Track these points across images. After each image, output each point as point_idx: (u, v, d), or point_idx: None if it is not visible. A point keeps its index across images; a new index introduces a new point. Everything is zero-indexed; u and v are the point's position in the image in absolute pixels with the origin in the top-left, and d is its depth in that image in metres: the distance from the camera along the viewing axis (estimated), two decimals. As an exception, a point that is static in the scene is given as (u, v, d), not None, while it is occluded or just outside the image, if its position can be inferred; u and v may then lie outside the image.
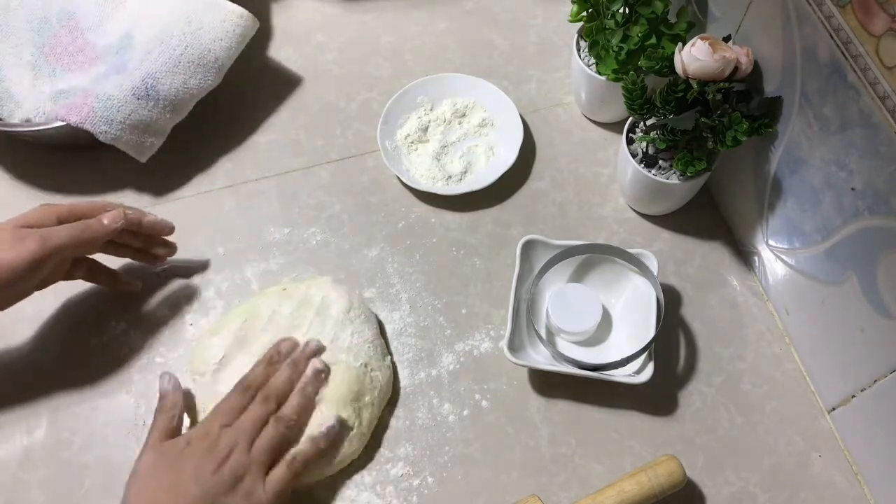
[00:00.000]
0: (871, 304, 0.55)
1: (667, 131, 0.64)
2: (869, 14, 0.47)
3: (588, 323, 0.66)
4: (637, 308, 0.67)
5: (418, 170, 0.77)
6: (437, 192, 0.75)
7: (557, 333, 0.68)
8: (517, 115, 0.78)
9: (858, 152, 0.52)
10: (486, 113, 0.80)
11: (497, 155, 0.78)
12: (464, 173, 0.77)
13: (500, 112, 0.80)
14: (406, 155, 0.78)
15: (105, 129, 0.71)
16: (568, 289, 0.67)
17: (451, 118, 0.80)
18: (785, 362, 0.68)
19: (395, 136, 0.78)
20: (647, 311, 0.65)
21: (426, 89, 0.80)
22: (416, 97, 0.80)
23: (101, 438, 0.64)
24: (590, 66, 0.74)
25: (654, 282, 0.65)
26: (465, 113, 0.80)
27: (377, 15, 0.89)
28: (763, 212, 0.67)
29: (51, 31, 0.78)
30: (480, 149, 0.78)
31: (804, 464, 0.63)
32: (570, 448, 0.64)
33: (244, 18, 0.77)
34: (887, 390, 0.56)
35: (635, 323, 0.66)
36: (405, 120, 0.79)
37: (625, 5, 0.68)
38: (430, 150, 0.78)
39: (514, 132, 0.78)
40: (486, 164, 0.77)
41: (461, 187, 0.75)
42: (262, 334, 0.65)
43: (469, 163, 0.77)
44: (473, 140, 0.79)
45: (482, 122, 0.80)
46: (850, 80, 0.51)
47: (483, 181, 0.75)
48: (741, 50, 0.60)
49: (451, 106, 0.80)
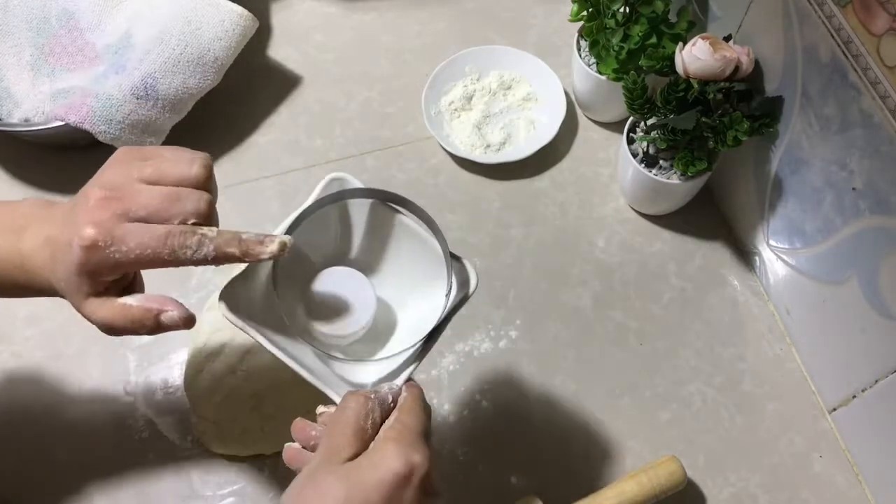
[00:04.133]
0: (872, 305, 0.55)
1: (667, 131, 0.64)
2: (870, 14, 0.47)
3: (358, 321, 0.49)
4: (417, 273, 0.51)
5: (458, 136, 0.79)
6: (475, 160, 0.76)
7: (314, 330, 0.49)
8: (562, 93, 0.79)
9: (859, 152, 0.52)
10: (531, 87, 0.82)
11: (537, 129, 0.79)
12: (503, 144, 0.78)
13: (546, 88, 0.81)
14: (448, 121, 0.80)
15: (104, 128, 0.71)
16: (324, 279, 0.50)
17: (496, 89, 0.81)
18: (786, 362, 0.68)
19: (440, 102, 0.80)
20: (430, 268, 0.50)
21: (475, 58, 0.82)
22: (465, 66, 0.82)
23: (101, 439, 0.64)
24: (590, 66, 0.74)
25: (441, 241, 0.48)
26: (511, 86, 0.82)
27: (377, 15, 0.89)
28: (764, 212, 0.67)
29: (50, 31, 0.78)
30: (521, 122, 0.80)
31: (805, 464, 0.63)
32: (569, 448, 0.64)
33: (244, 18, 0.77)
34: (888, 390, 0.56)
35: (422, 293, 0.51)
36: (451, 87, 0.81)
37: (625, 5, 0.68)
38: (473, 118, 0.79)
39: (557, 108, 0.79)
40: (526, 137, 0.79)
41: (499, 157, 0.77)
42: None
43: (509, 134, 0.79)
44: (516, 113, 0.81)
45: (527, 97, 0.81)
46: (850, 79, 0.51)
47: (520, 153, 0.76)
48: (742, 49, 0.60)
49: (498, 78, 0.82)
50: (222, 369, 0.63)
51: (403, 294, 0.53)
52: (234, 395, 0.63)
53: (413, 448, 0.40)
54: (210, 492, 0.63)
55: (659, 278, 0.72)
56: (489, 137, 0.78)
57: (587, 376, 0.67)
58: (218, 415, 0.63)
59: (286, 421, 0.61)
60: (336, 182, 0.49)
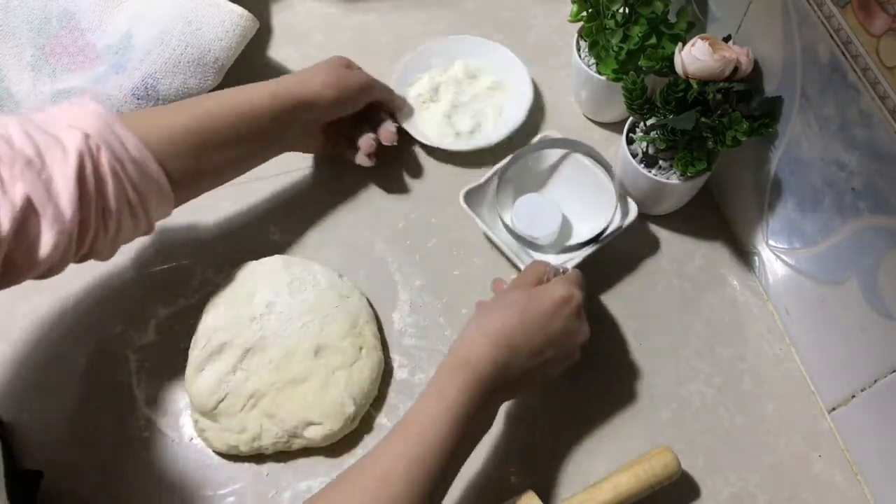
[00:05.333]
0: (872, 305, 0.55)
1: (667, 131, 0.64)
2: (869, 14, 0.47)
3: (549, 228, 0.69)
4: (595, 204, 0.70)
5: (428, 126, 0.79)
6: (445, 148, 0.77)
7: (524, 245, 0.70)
8: (528, 79, 0.80)
9: (858, 152, 0.52)
10: (496, 75, 0.82)
11: (505, 115, 0.80)
12: (472, 132, 0.79)
13: (511, 75, 0.82)
14: (418, 113, 0.80)
15: (105, 129, 0.71)
16: (527, 199, 0.71)
17: (462, 79, 0.82)
18: (785, 362, 0.68)
19: (408, 95, 0.81)
20: (604, 201, 0.69)
21: (440, 51, 0.83)
22: (430, 58, 0.82)
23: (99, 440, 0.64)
24: (590, 66, 0.74)
25: (603, 161, 0.69)
26: (477, 75, 0.83)
27: (377, 15, 0.89)
28: (763, 212, 0.67)
29: (51, 32, 0.78)
30: (489, 110, 0.81)
31: (804, 464, 0.63)
32: (569, 447, 0.64)
33: (244, 18, 0.77)
34: (887, 390, 0.56)
35: (595, 218, 0.69)
36: (417, 79, 0.82)
37: (625, 5, 0.68)
38: (441, 109, 0.80)
39: (523, 94, 0.80)
40: (495, 124, 0.80)
41: (469, 144, 0.77)
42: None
43: (478, 123, 0.80)
44: (484, 101, 0.81)
45: (493, 85, 0.82)
46: (850, 79, 0.51)
47: (491, 139, 0.77)
48: (741, 50, 0.60)
49: (464, 67, 0.82)
50: (222, 368, 0.64)
51: (580, 215, 0.73)
52: (234, 394, 0.63)
53: (573, 286, 0.59)
54: (210, 491, 0.63)
55: (658, 278, 0.72)
56: (458, 126, 0.79)
57: (587, 376, 0.67)
58: (218, 414, 0.63)
59: (286, 420, 0.62)
60: (545, 139, 0.72)
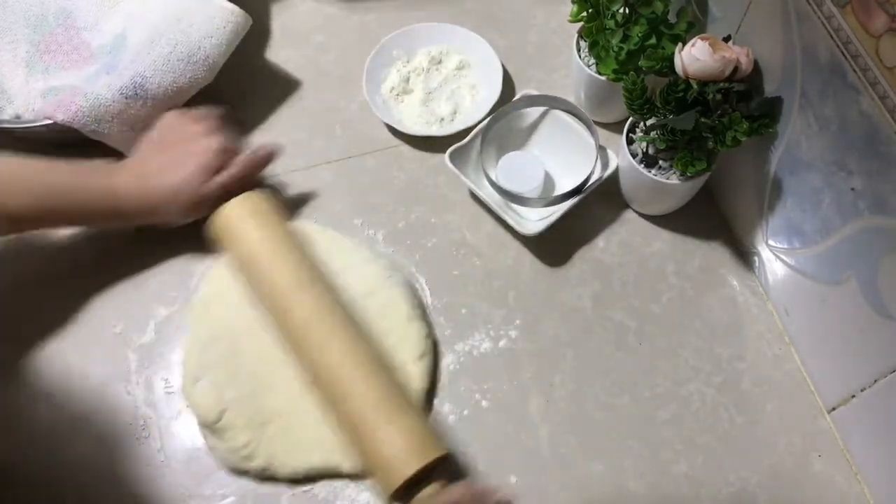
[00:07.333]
0: (871, 305, 0.55)
1: (667, 131, 0.64)
2: (869, 14, 0.48)
3: (533, 183, 0.71)
4: (577, 158, 0.73)
5: (409, 117, 0.80)
6: (433, 135, 0.78)
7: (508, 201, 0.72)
8: (492, 53, 0.82)
9: (858, 152, 0.52)
10: (460, 56, 0.84)
11: (480, 92, 0.82)
12: (454, 114, 0.80)
13: (475, 52, 0.84)
14: (395, 106, 0.81)
15: (94, 127, 0.71)
16: (511, 157, 0.73)
17: (428, 66, 0.83)
18: (785, 362, 0.68)
19: (381, 91, 0.81)
20: (585, 154, 0.71)
21: (400, 43, 0.84)
22: (392, 52, 0.83)
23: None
24: (590, 66, 0.74)
25: (585, 119, 0.72)
26: (441, 59, 0.84)
27: (377, 15, 0.89)
28: (763, 212, 0.67)
29: (47, 29, 0.78)
30: (463, 90, 0.82)
31: (804, 464, 0.63)
32: (570, 448, 0.64)
33: (235, 15, 0.76)
34: (887, 390, 0.56)
35: (577, 171, 0.71)
36: (386, 75, 0.83)
37: (625, 5, 0.68)
38: (417, 98, 0.81)
39: (492, 68, 0.82)
40: (472, 102, 0.81)
41: (454, 126, 0.78)
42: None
43: (456, 104, 0.81)
44: (455, 83, 0.83)
45: (459, 65, 0.84)
46: (849, 80, 0.51)
47: (473, 118, 0.78)
48: (741, 50, 0.60)
49: (427, 55, 0.84)
50: (222, 369, 0.64)
51: (562, 170, 0.75)
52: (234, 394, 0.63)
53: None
54: (210, 491, 0.63)
55: (658, 278, 0.72)
56: (438, 111, 0.80)
57: (587, 376, 0.67)
58: (217, 415, 0.63)
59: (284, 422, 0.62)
60: (524, 97, 0.75)
